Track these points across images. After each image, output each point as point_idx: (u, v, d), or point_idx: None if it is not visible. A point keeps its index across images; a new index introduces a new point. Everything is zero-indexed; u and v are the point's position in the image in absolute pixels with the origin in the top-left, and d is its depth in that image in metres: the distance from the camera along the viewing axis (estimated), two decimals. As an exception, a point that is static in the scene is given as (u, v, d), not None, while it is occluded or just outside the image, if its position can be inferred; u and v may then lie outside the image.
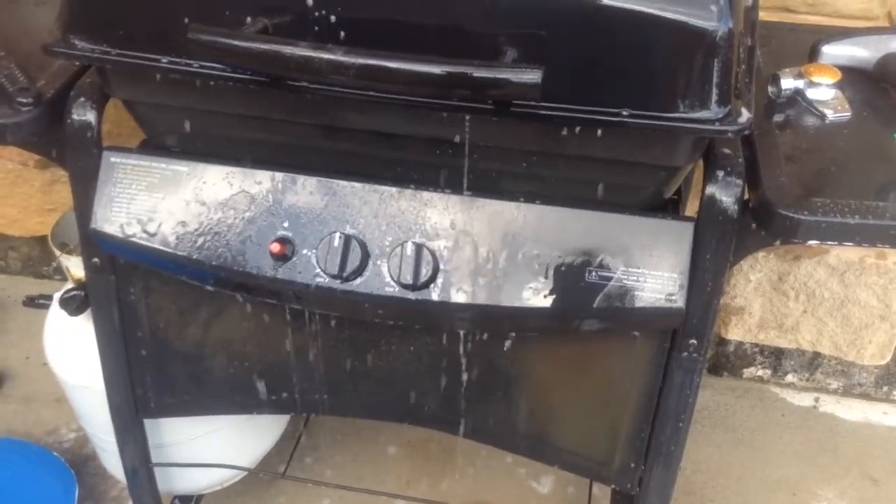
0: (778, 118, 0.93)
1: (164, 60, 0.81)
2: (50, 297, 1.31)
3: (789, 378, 1.75)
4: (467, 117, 0.80)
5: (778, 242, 0.91)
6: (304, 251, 0.91)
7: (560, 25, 0.74)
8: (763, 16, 0.99)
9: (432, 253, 0.89)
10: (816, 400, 1.74)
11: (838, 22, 1.30)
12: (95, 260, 1.02)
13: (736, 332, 1.69)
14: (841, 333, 1.63)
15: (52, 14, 0.86)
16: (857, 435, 1.67)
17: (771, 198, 0.82)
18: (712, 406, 1.72)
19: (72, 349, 1.26)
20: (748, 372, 1.76)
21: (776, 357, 1.73)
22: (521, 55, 0.74)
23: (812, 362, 1.72)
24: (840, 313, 1.60)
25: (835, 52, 0.99)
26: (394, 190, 0.91)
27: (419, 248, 0.89)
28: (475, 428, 1.08)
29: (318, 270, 0.91)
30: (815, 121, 0.93)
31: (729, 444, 1.64)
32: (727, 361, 1.76)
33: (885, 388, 1.72)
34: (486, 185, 0.88)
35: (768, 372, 1.76)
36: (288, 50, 0.73)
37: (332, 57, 0.72)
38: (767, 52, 1.01)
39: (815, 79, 0.94)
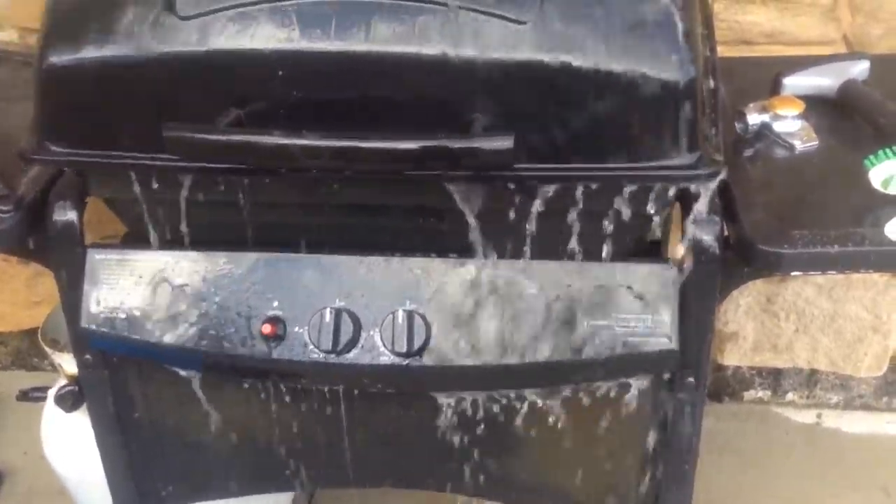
0: (748, 153, 0.95)
1: (142, 159, 0.82)
2: (43, 390, 1.30)
3: (790, 397, 1.76)
4: (445, 185, 0.81)
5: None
6: (296, 329, 0.91)
7: (527, 89, 0.75)
8: (723, 51, 1.01)
9: (423, 318, 0.90)
10: (819, 416, 1.74)
11: (798, 49, 1.32)
12: (87, 357, 1.01)
13: (732, 357, 1.69)
14: (835, 348, 1.64)
15: (19, 110, 0.86)
16: (862, 447, 1.67)
17: (750, 234, 0.83)
18: (716, 432, 1.71)
19: (70, 444, 1.25)
20: (748, 395, 1.77)
21: (774, 377, 1.73)
22: (491, 121, 0.76)
23: (810, 379, 1.72)
24: (832, 329, 1.61)
25: (797, 83, 1.01)
26: (380, 259, 0.91)
27: (410, 314, 0.90)
28: (484, 486, 1.07)
29: (312, 347, 0.91)
30: (784, 152, 0.95)
31: (737, 468, 1.63)
32: (727, 386, 1.76)
33: (886, 399, 1.73)
34: (470, 247, 0.89)
35: (768, 393, 1.76)
36: (263, 139, 0.74)
37: (306, 143, 0.73)
38: (731, 89, 1.03)
39: (779, 111, 0.95)
